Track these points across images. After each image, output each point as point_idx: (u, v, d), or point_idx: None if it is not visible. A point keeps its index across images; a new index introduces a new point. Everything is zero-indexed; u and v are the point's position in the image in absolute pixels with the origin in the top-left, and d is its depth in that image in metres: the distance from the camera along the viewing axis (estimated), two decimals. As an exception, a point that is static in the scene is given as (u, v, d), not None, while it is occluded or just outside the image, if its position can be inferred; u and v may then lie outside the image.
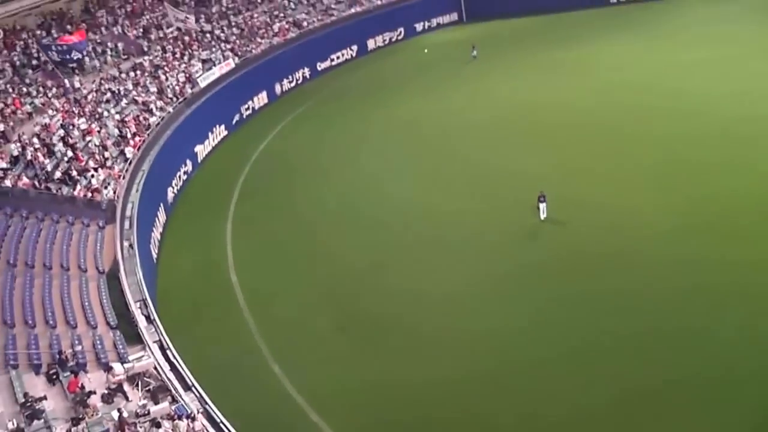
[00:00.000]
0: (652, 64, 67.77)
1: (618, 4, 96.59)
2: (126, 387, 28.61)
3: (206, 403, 27.90)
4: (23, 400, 26.77)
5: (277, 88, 79.15)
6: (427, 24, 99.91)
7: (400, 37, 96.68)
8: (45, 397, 27.08)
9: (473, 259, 39.32)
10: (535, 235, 41.21)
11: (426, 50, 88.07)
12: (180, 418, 26.39)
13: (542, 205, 41.75)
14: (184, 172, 57.95)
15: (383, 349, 33.20)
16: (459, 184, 48.98)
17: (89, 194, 45.44)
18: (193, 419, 26.32)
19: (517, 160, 50.74)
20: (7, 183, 44.06)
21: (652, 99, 57.45)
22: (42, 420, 25.91)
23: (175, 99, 64.13)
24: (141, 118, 58.13)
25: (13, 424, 25.67)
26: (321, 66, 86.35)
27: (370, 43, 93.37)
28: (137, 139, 54.42)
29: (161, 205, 50.61)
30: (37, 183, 45.03)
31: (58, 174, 46.33)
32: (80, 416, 26.23)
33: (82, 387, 27.63)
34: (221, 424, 26.74)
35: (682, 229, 38.10)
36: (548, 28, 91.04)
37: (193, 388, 28.77)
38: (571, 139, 52.97)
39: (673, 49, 71.03)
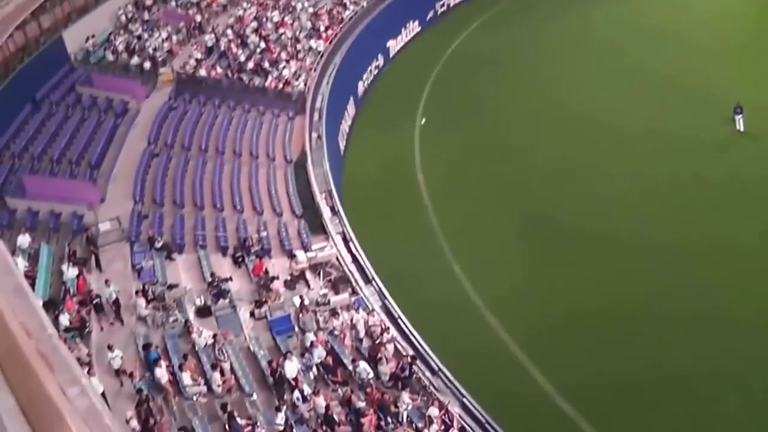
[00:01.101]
0: None
1: None
2: (308, 275, 28.71)
3: (385, 297, 27.48)
4: (210, 280, 27.38)
5: (475, -15, 75.59)
6: None
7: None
8: (231, 278, 27.60)
9: (664, 169, 36.76)
10: (730, 147, 38.08)
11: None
12: (358, 310, 26.15)
13: (738, 117, 38.24)
14: (375, 67, 57.04)
15: (564, 258, 31.64)
16: (649, 93, 45.20)
17: (280, 85, 45.66)
18: (371, 312, 26.02)
19: (710, 69, 46.35)
20: (202, 72, 45.02)
21: None
22: (227, 300, 26.44)
23: (370, -8, 62.83)
24: (334, 12, 57.54)
25: (200, 300, 26.37)
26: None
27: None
28: (329, 32, 53.98)
29: (351, 98, 50.21)
30: (229, 73, 45.79)
31: (250, 65, 46.81)
32: (263, 299, 26.59)
33: (266, 272, 27.91)
34: (399, 320, 26.27)
35: None
36: None
37: (373, 282, 28.43)
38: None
39: None
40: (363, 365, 22.81)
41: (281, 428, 20.84)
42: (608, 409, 24.05)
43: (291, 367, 22.37)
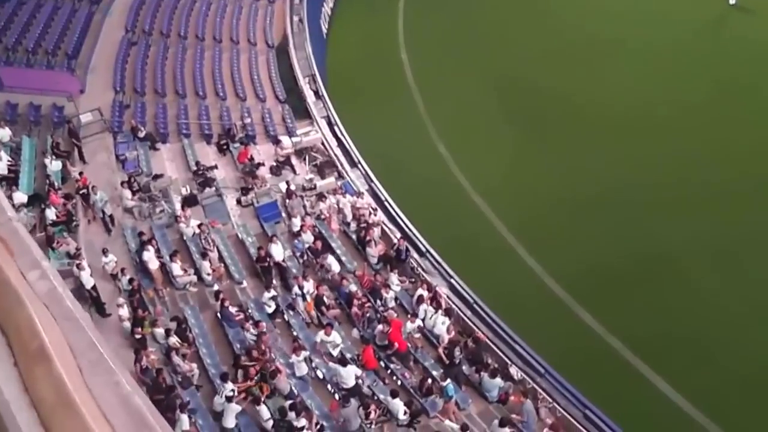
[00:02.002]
0: None
1: None
2: (294, 160, 28.54)
3: (371, 180, 27.43)
4: (195, 168, 27.20)
5: None
6: None
7: None
8: (216, 167, 27.42)
9: (657, 44, 36.16)
10: (722, 22, 37.40)
11: None
12: (344, 194, 26.13)
13: None
14: (358, -54, 55.22)
15: (551, 141, 31.35)
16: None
17: (259, -33, 44.21)
18: (358, 196, 26.01)
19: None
20: (179, -46, 43.49)
21: None
22: (213, 188, 26.31)
23: None
24: None
25: (186, 190, 26.21)
26: None
27: None
28: None
29: (333, -21, 48.79)
30: (207, -45, 44.17)
31: (228, -54, 45.13)
32: (249, 186, 26.48)
33: (252, 158, 27.70)
34: (386, 202, 26.31)
35: None
36: None
37: (359, 165, 28.32)
38: None
39: None
40: (330, 259, 22.79)
41: (271, 310, 21.12)
42: (596, 288, 24.25)
43: (277, 250, 22.55)
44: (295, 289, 21.40)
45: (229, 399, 16.95)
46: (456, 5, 44.09)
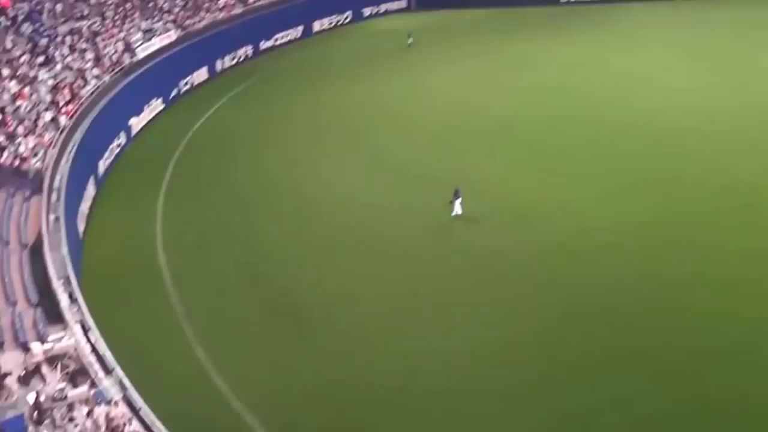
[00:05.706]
0: (585, 68, 69.81)
1: (568, 4, 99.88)
2: (44, 368, 27.76)
3: (126, 388, 27.29)
4: (-68, 377, 25.80)
5: (218, 65, 77.65)
6: (375, 9, 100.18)
7: (347, 21, 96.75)
8: (-44, 376, 26.14)
9: (387, 257, 39.20)
10: (450, 232, 41.50)
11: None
12: (99, 403, 25.77)
13: (457, 202, 41.67)
14: (117, 145, 56.33)
15: (311, 345, 32.67)
16: (378, 176, 48.94)
17: (16, 162, 43.86)
18: (114, 404, 25.74)
19: (432, 156, 51.45)
20: (-71, 146, 42.40)
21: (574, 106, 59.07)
22: (-47, 402, 25.00)
23: (112, 68, 62.22)
24: (75, 86, 56.28)
25: None
26: (264, 45, 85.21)
27: (316, 25, 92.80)
28: (70, 107, 52.67)
29: (91, 177, 49.08)
30: (-40, 148, 43.42)
31: (-16, 139, 44.65)
32: (-7, 398, 25.43)
33: (-3, 367, 26.74)
34: (140, 411, 26.20)
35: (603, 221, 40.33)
36: (495, 22, 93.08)
37: (113, 372, 28.11)
38: (490, 137, 54.19)
39: (610, 53, 73.91)
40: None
41: None
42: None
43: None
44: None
45: None
46: (216, 207, 46.14)
